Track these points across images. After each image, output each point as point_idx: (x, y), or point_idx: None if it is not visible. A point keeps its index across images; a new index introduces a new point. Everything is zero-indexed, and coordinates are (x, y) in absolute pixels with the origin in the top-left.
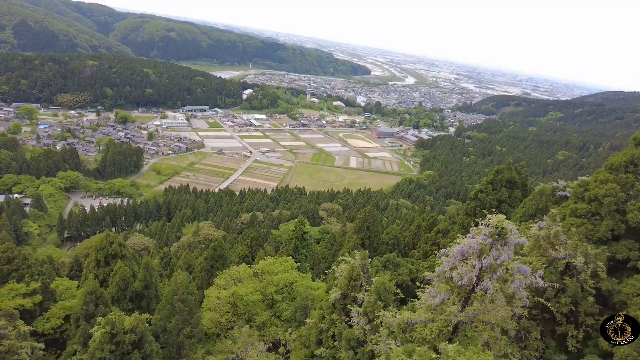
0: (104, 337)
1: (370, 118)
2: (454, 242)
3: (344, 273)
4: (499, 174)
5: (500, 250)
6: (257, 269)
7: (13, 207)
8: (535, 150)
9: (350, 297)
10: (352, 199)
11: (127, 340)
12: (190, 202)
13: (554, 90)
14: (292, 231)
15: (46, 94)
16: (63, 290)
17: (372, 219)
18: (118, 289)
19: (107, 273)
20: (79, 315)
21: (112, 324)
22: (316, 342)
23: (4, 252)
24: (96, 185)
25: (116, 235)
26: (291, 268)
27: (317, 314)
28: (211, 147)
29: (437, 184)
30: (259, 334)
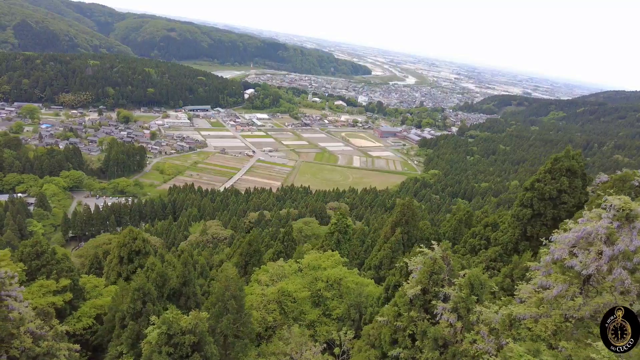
0: (161, 338)
1: (372, 117)
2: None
3: (422, 266)
4: (558, 162)
5: (629, 235)
6: (303, 264)
7: (17, 206)
8: (539, 149)
9: (431, 293)
10: (358, 198)
11: (186, 342)
12: (196, 201)
13: (554, 90)
14: (334, 224)
15: (48, 93)
16: (90, 287)
17: (411, 212)
18: (155, 286)
19: (130, 270)
20: (125, 314)
21: (168, 324)
22: (390, 342)
23: (32, 247)
24: (99, 185)
25: (139, 231)
26: (338, 263)
27: (390, 311)
28: (214, 146)
29: (443, 183)
30: (309, 333)
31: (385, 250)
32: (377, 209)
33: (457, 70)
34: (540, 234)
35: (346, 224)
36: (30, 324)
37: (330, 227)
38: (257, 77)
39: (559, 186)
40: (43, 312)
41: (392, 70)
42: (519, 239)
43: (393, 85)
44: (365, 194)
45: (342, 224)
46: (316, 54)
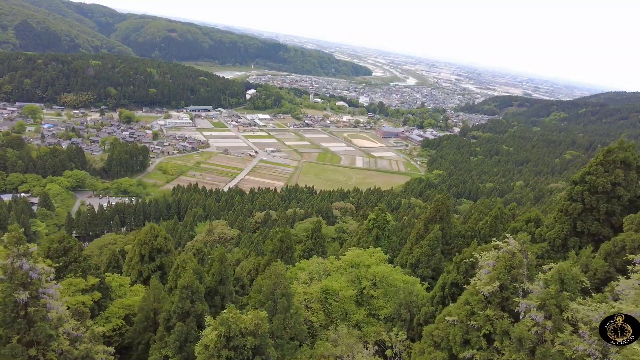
0: (220, 340)
1: (374, 118)
2: None
3: (494, 261)
4: (611, 154)
5: None
6: (344, 261)
7: (21, 205)
8: (542, 150)
9: (509, 289)
10: (363, 198)
11: (247, 345)
12: (201, 200)
13: (554, 91)
14: (373, 220)
15: (49, 93)
16: (116, 286)
17: (446, 208)
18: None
19: (152, 269)
20: (171, 314)
21: (228, 325)
22: (461, 342)
23: (60, 242)
24: (102, 185)
25: (161, 228)
26: (382, 261)
27: (461, 309)
28: (216, 146)
29: (448, 184)
30: (357, 334)
31: (423, 248)
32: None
33: (457, 71)
34: (592, 230)
35: (386, 219)
36: (66, 325)
37: (367, 223)
38: (258, 78)
39: (612, 179)
40: (78, 311)
41: (393, 71)
42: (567, 235)
43: (394, 86)
44: (370, 194)
45: (381, 220)
46: (317, 55)
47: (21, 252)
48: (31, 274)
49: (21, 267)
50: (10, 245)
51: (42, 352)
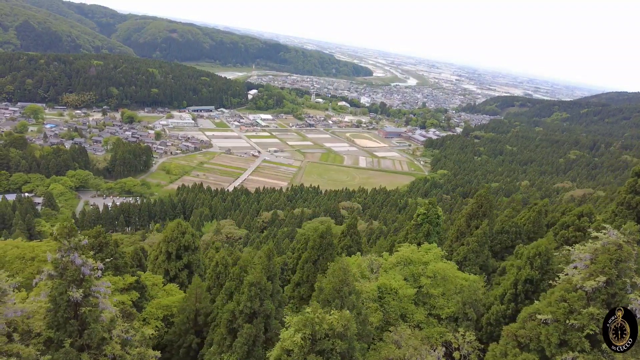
0: (305, 344)
1: (376, 118)
2: None
3: (590, 254)
4: None
5: None
6: (400, 257)
7: (26, 205)
8: (546, 150)
9: (617, 285)
10: (370, 198)
11: (336, 349)
12: (206, 200)
13: (555, 91)
14: (423, 214)
15: (51, 93)
16: (149, 286)
17: (489, 204)
18: (238, 282)
19: (179, 268)
20: (237, 315)
21: (313, 325)
22: (558, 343)
23: (96, 237)
24: (106, 185)
25: (188, 225)
26: (439, 257)
27: (558, 307)
28: (219, 146)
29: (453, 183)
30: (422, 336)
31: (470, 245)
32: (391, 209)
33: (458, 71)
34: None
35: (437, 213)
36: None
37: (417, 217)
38: (259, 78)
39: None
40: (125, 312)
41: (393, 72)
42: None
43: (395, 86)
44: (375, 193)
45: (432, 214)
46: (317, 55)
47: (72, 245)
48: (83, 270)
49: (73, 262)
50: (61, 237)
51: (94, 357)
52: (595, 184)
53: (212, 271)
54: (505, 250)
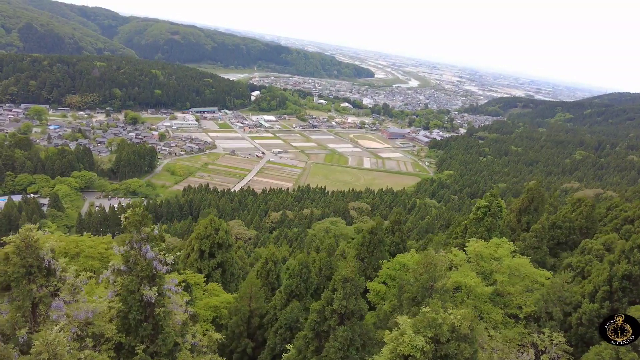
0: (429, 348)
1: (379, 119)
2: None
3: None
4: None
5: None
6: (470, 253)
7: (32, 206)
8: (551, 150)
9: None
10: (378, 198)
11: (464, 354)
12: (213, 201)
13: (556, 92)
14: (485, 207)
15: (55, 95)
16: (193, 285)
17: (540, 198)
18: (300, 280)
19: (212, 266)
20: (326, 315)
21: (435, 326)
22: None
23: None
24: (111, 186)
25: (221, 221)
26: (510, 253)
27: None
28: (223, 148)
29: (460, 184)
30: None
31: (529, 241)
32: (400, 209)
33: (459, 73)
34: None
35: (500, 206)
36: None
37: (477, 211)
38: (261, 80)
39: None
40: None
41: (395, 73)
42: None
43: (396, 87)
44: (383, 194)
45: (495, 207)
46: (319, 57)
47: (144, 236)
48: (155, 265)
49: (144, 256)
50: (131, 227)
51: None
52: (603, 184)
53: (261, 268)
54: (558, 246)
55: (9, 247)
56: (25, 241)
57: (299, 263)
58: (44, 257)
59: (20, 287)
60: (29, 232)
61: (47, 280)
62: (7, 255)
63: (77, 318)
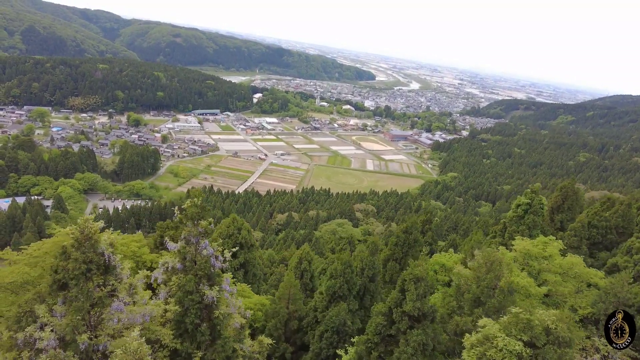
0: (527, 354)
1: (381, 122)
2: None
3: None
4: None
5: None
6: (517, 251)
7: (36, 208)
8: (554, 152)
9: None
10: (383, 200)
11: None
12: (218, 203)
13: (557, 95)
14: (526, 204)
15: (57, 97)
16: None
17: (575, 196)
18: (343, 280)
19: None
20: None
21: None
22: None
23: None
24: (114, 188)
25: (243, 221)
26: (558, 251)
27: None
28: (226, 150)
29: (464, 186)
30: None
31: (568, 240)
32: (406, 211)
33: (460, 75)
34: None
35: (542, 203)
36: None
37: (517, 208)
38: (263, 82)
39: None
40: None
41: (396, 76)
42: None
43: (398, 90)
44: (387, 196)
45: (536, 204)
46: (320, 59)
47: (201, 231)
48: (213, 262)
49: (202, 252)
50: (187, 220)
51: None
52: (608, 186)
53: (295, 268)
54: (594, 246)
55: (66, 239)
56: (85, 233)
57: (341, 263)
58: (103, 252)
59: (81, 286)
60: (88, 223)
61: (105, 279)
62: (65, 250)
63: (134, 322)
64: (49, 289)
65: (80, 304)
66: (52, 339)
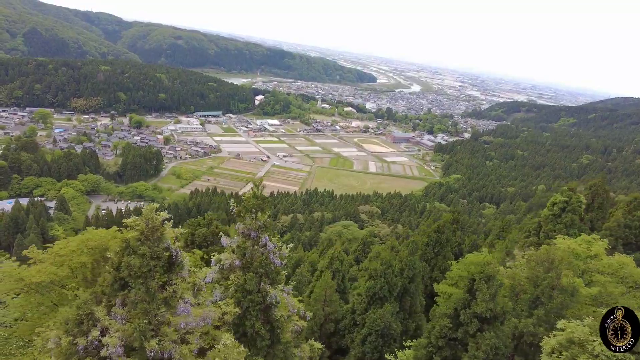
0: None
1: (383, 123)
2: None
3: None
4: None
5: None
6: (562, 249)
7: (39, 209)
8: (557, 155)
9: None
10: (387, 201)
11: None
12: (222, 204)
13: (558, 97)
14: (563, 202)
15: (60, 98)
16: None
17: (605, 195)
18: (384, 282)
19: None
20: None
21: None
22: None
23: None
24: (117, 189)
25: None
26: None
27: None
28: (228, 151)
29: (468, 188)
30: None
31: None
32: (410, 213)
33: (461, 78)
34: None
35: (580, 201)
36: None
37: (552, 207)
38: (264, 84)
39: None
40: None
41: (397, 78)
42: None
43: (399, 92)
44: (391, 198)
45: (575, 202)
46: (321, 62)
47: (261, 225)
48: (272, 259)
49: (262, 248)
50: (246, 212)
51: None
52: (613, 189)
53: (327, 269)
54: (626, 246)
55: (130, 232)
56: (151, 225)
57: (382, 262)
58: (168, 246)
59: (148, 286)
60: (153, 213)
61: (169, 277)
62: (128, 244)
63: (197, 326)
64: (108, 289)
65: (147, 305)
66: (118, 345)
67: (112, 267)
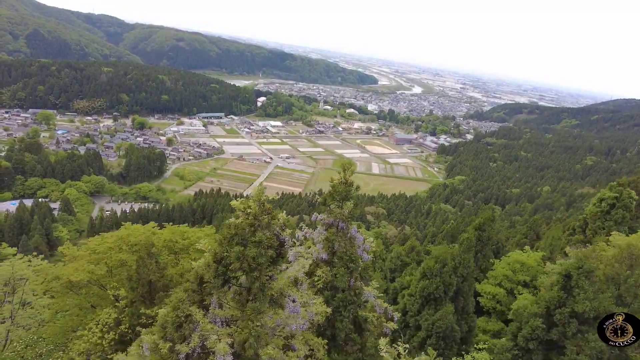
0: None
1: (385, 125)
2: None
3: None
4: None
5: None
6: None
7: (44, 210)
8: (561, 156)
9: None
10: (393, 203)
11: None
12: (226, 205)
13: (559, 99)
14: (613, 198)
15: (62, 100)
16: None
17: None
18: (440, 281)
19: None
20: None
21: None
22: None
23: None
24: (121, 190)
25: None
26: None
27: None
28: (231, 153)
29: (473, 189)
30: None
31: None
32: (417, 214)
33: (462, 79)
34: None
35: (631, 196)
36: None
37: (600, 203)
38: (266, 86)
39: None
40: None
41: (398, 80)
42: None
43: (400, 94)
44: (396, 199)
45: (626, 197)
46: (323, 63)
47: (347, 214)
48: (360, 252)
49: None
50: (331, 200)
51: None
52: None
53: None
54: None
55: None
56: (264, 208)
57: (437, 260)
58: (278, 234)
59: (262, 280)
60: (263, 195)
61: (273, 270)
62: (238, 231)
63: (294, 329)
64: (210, 285)
65: (259, 305)
66: (229, 352)
67: (215, 259)
